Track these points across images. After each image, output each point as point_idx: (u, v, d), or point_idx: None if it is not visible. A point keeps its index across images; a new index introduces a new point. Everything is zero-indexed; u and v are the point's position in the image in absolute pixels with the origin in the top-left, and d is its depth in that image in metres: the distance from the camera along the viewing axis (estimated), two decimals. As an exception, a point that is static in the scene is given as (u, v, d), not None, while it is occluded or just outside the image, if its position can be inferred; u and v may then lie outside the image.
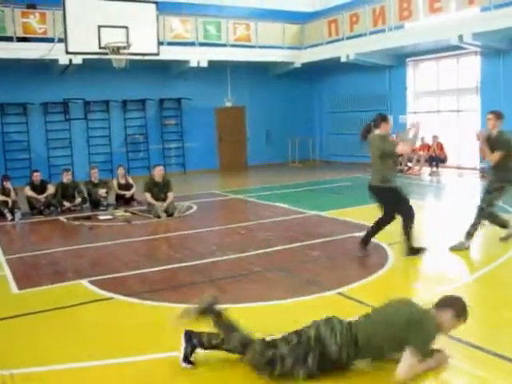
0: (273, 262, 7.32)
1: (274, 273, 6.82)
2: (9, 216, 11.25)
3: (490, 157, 7.66)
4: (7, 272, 7.29)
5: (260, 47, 19.07)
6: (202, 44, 18.11)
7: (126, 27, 12.41)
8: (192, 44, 17.96)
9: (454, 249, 7.62)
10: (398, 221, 7.60)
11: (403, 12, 16.29)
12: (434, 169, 16.73)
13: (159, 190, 11.33)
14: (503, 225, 7.89)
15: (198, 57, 17.85)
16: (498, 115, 7.83)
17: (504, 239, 7.87)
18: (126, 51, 12.49)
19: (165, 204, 11.09)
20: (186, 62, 17.88)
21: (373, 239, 7.74)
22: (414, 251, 7.32)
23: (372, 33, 17.39)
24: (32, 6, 15.86)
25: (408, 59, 18.51)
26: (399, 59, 18.56)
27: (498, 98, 15.47)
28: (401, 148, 7.32)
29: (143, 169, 17.68)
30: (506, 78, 15.36)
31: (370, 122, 7.66)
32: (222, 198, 13.66)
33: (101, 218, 11.26)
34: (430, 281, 6.40)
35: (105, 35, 12.29)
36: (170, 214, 11.03)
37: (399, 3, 16.42)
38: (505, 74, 15.38)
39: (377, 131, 7.51)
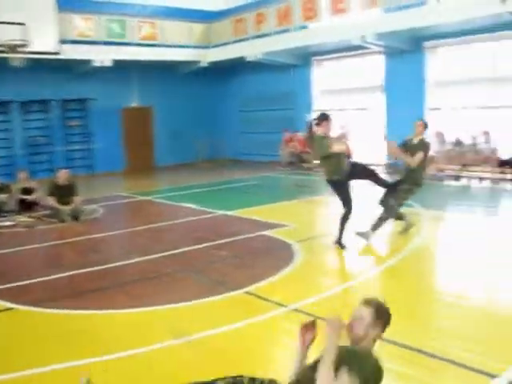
0: (181, 264, 7.26)
1: (182, 274, 6.78)
2: None
3: (411, 160, 7.93)
4: None
5: (166, 46, 18.87)
6: (106, 43, 17.69)
7: (23, 24, 11.90)
8: (96, 43, 17.51)
9: (359, 235, 7.87)
10: (307, 220, 7.75)
11: (307, 12, 16.60)
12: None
13: (64, 193, 10.96)
14: (400, 217, 8.22)
15: (102, 56, 17.42)
16: (426, 125, 8.24)
17: (403, 232, 8.20)
18: (24, 49, 11.98)
19: (69, 208, 10.75)
20: (90, 61, 17.40)
21: (280, 237, 7.85)
22: (339, 244, 7.63)
23: (277, 32, 17.60)
24: None
25: (313, 58, 18.86)
26: (304, 58, 18.88)
27: (401, 96, 16.07)
28: (336, 148, 7.53)
29: (47, 172, 17.05)
30: (408, 77, 15.95)
31: (311, 121, 7.92)
32: (130, 199, 13.42)
33: (2, 224, 10.77)
34: (336, 276, 6.54)
35: (1, 32, 11.75)
36: (75, 218, 10.71)
37: (303, 4, 16.72)
38: (407, 73, 15.96)
39: (318, 131, 7.62)
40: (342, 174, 7.71)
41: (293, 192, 13.51)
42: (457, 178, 13.46)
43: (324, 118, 7.79)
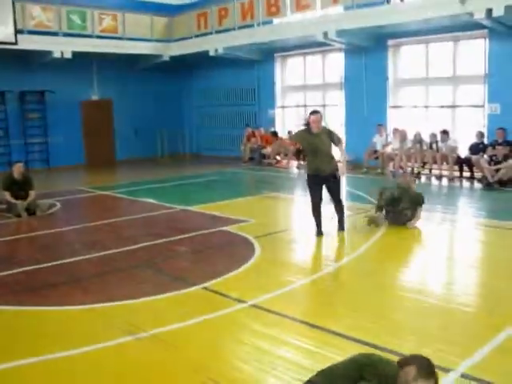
0: (139, 259, 7.16)
1: (139, 270, 6.68)
2: None
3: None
4: None
5: (127, 39, 18.61)
6: (65, 34, 17.35)
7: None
8: (55, 34, 17.16)
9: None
10: (267, 215, 7.72)
11: (271, 8, 16.58)
12: (302, 162, 17.17)
13: (19, 187, 10.70)
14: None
15: (62, 47, 17.06)
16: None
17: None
18: (-22, 39, 11.66)
19: (25, 202, 10.51)
20: (49, 52, 17.03)
21: (240, 232, 7.85)
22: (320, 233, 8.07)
23: (241, 27, 17.54)
24: None
25: (276, 54, 18.86)
26: (267, 54, 18.87)
27: (360, 94, 16.22)
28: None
29: (3, 165, 16.65)
30: (367, 74, 16.09)
31: (307, 116, 8.10)
32: (88, 194, 13.19)
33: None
34: (296, 271, 6.52)
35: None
36: (31, 213, 10.48)
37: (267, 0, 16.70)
38: (366, 71, 16.10)
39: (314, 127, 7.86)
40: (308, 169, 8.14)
41: (254, 188, 13.49)
42: (417, 175, 13.62)
43: (310, 113, 7.96)
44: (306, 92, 18.76)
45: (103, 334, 4.77)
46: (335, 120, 17.38)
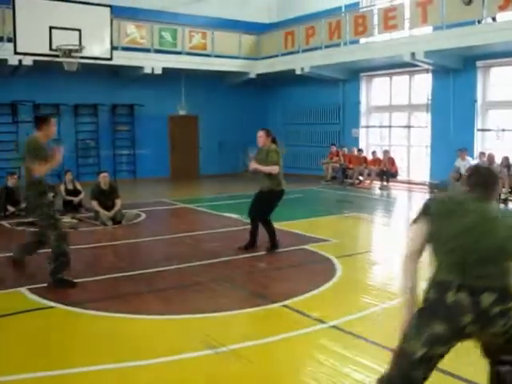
0: (219, 273, 7.22)
1: (219, 284, 6.73)
2: (-52, 219, 10.86)
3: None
4: None
5: (216, 56, 19.00)
6: (157, 51, 17.92)
7: (79, 30, 12.15)
8: (147, 50, 17.76)
9: None
10: (349, 236, 7.64)
11: (358, 27, 16.50)
12: (385, 183, 16.93)
13: (106, 197, 11.09)
14: None
15: (153, 63, 17.65)
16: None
17: None
18: (78, 54, 12.21)
19: (112, 211, 10.88)
20: (140, 68, 17.65)
21: (321, 251, 7.78)
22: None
23: (327, 46, 17.55)
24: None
25: (362, 74, 18.73)
26: (353, 73, 18.77)
27: (447, 116, 15.83)
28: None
29: (93, 175, 17.23)
30: (455, 96, 15.70)
31: None
32: (172, 206, 13.49)
33: (46, 223, 10.93)
34: (377, 294, 6.39)
35: (56, 37, 11.99)
36: (117, 222, 10.82)
37: (355, 19, 16.64)
38: (454, 93, 15.72)
39: None
40: None
41: (335, 207, 13.37)
42: (504, 201, 13.11)
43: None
44: (391, 112, 18.51)
45: (183, 345, 4.83)
46: (420, 142, 17.06)
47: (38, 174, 6.71)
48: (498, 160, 14.14)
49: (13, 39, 11.61)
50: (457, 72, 15.63)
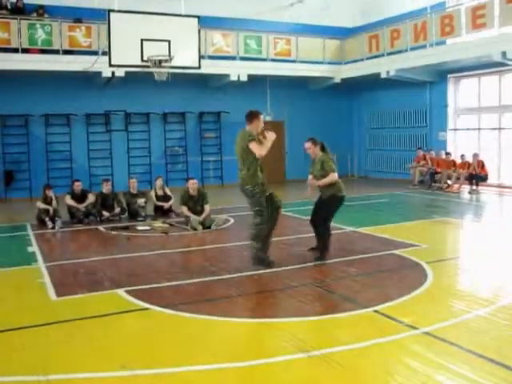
0: (309, 278, 7.27)
1: (310, 288, 6.78)
2: (49, 224, 11.46)
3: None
4: (47, 279, 7.42)
5: (300, 62, 19.10)
6: (242, 58, 18.24)
7: (169, 41, 12.54)
8: (233, 58, 18.10)
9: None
10: (439, 241, 7.51)
11: (445, 28, 16.15)
12: (474, 187, 16.45)
13: (195, 202, 11.42)
14: None
15: (239, 71, 17.98)
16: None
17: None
18: (167, 64, 12.61)
19: (201, 217, 11.16)
20: (226, 75, 18.03)
21: (411, 257, 7.70)
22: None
23: (413, 48, 17.28)
24: (78, 21, 16.29)
25: (449, 75, 18.31)
26: (440, 75, 18.38)
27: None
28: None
29: (181, 180, 17.71)
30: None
31: None
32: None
33: (139, 228, 11.37)
34: (469, 301, 6.25)
35: (147, 48, 12.43)
36: (206, 227, 11.08)
37: (441, 19, 16.31)
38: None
39: None
40: None
41: (424, 211, 13.11)
42: None
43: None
44: (480, 114, 17.98)
45: (276, 348, 4.90)
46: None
47: (259, 155, 8.01)
48: None
49: (107, 53, 12.13)
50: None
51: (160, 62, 12.43)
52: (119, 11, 12.25)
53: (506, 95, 16.89)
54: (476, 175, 16.48)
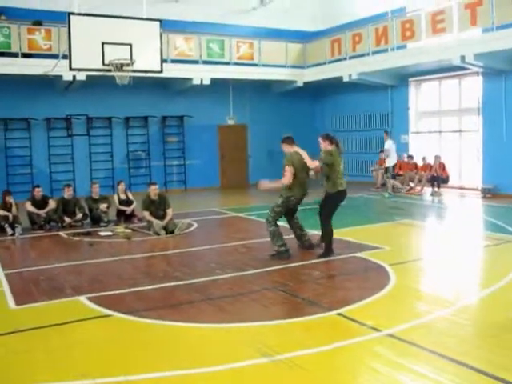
0: (273, 282, 7.27)
1: (273, 292, 6.77)
2: (9, 231, 11.23)
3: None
4: (5, 287, 7.25)
5: (263, 66, 19.14)
6: (205, 62, 18.18)
7: (130, 44, 12.42)
8: (195, 62, 18.03)
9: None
10: (401, 243, 7.59)
11: (405, 32, 16.37)
12: (436, 189, 16.69)
13: (157, 207, 11.35)
14: None
15: (201, 74, 17.93)
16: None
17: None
18: (129, 68, 12.49)
19: (164, 221, 11.08)
20: (189, 79, 17.95)
21: (374, 259, 7.76)
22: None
23: (375, 52, 17.47)
24: (38, 23, 16.00)
25: (410, 79, 18.56)
26: (401, 79, 18.61)
27: (500, 119, 15.52)
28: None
29: (144, 185, 17.54)
30: (507, 99, 15.39)
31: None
32: (223, 215, 13.63)
33: (101, 234, 11.23)
34: (432, 302, 6.32)
35: (108, 52, 12.29)
36: (170, 232, 11.00)
37: (402, 24, 16.52)
38: (506, 95, 15.40)
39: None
40: None
41: (387, 214, 13.25)
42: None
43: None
44: (441, 117, 18.26)
45: (239, 353, 4.87)
46: (472, 146, 16.78)
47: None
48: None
49: (68, 56, 11.94)
50: (509, 74, 15.32)
51: (122, 65, 12.31)
52: (79, 14, 12.10)
53: (466, 98, 17.19)
54: (437, 177, 16.73)
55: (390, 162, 16.55)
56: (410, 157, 18.05)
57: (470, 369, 4.45)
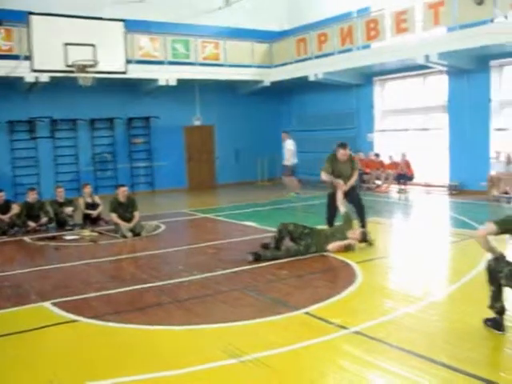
0: (241, 282, 7.24)
1: (241, 292, 6.75)
2: (-29, 237, 11.01)
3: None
4: (-33, 295, 7.10)
5: (229, 66, 19.10)
6: (170, 63, 18.06)
7: (93, 45, 12.30)
8: (161, 63, 17.90)
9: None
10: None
11: (370, 31, 16.50)
12: (402, 186, 16.87)
13: (124, 209, 11.24)
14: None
15: (167, 75, 17.81)
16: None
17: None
18: (92, 69, 12.36)
19: (131, 224, 10.97)
20: (155, 80, 17.81)
21: (341, 257, 7.81)
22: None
23: (340, 52, 17.57)
24: (-2, 23, 15.70)
25: (375, 78, 18.72)
26: (366, 78, 18.77)
27: (463, 116, 15.76)
28: None
29: (111, 188, 17.40)
30: (471, 97, 15.63)
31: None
32: (191, 217, 13.56)
33: (67, 238, 11.08)
34: (398, 299, 6.37)
35: (71, 53, 12.18)
36: (137, 234, 10.90)
37: (366, 23, 16.66)
38: (470, 93, 15.65)
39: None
40: None
41: (352, 213, 13.31)
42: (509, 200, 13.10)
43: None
44: (406, 116, 18.46)
45: (207, 355, 4.84)
46: (438, 144, 16.99)
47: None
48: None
49: (30, 57, 11.75)
50: (471, 72, 15.57)
51: (85, 66, 12.17)
52: (40, 14, 11.92)
53: (431, 97, 17.40)
54: (403, 175, 16.92)
55: (291, 161, 16.66)
56: (376, 155, 18.21)
57: (437, 364, 4.49)
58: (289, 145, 16.71)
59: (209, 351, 4.95)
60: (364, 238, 8.94)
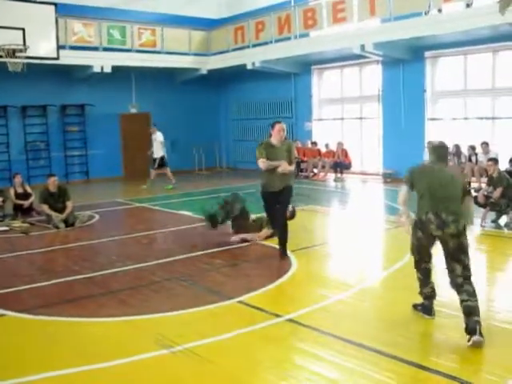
0: (174, 272, 7.18)
1: (175, 282, 6.69)
2: None
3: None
4: None
5: (166, 53, 18.84)
6: (105, 49, 17.66)
7: (23, 29, 11.86)
8: (95, 49, 17.48)
9: None
10: (304, 229, 7.68)
11: (308, 21, 16.58)
12: (339, 175, 17.09)
13: (56, 200, 10.91)
14: None
15: (102, 62, 17.39)
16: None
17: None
18: (22, 54, 11.92)
19: (63, 214, 10.69)
20: (90, 67, 17.36)
21: (276, 246, 7.84)
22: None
23: (278, 40, 17.59)
24: None
25: (313, 67, 18.84)
26: (304, 67, 18.86)
27: (398, 106, 16.07)
28: None
29: (44, 177, 16.86)
30: (405, 87, 15.94)
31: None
32: (126, 206, 13.34)
33: (-4, 229, 10.70)
34: (332, 286, 6.45)
35: (-1, 37, 11.71)
36: (70, 224, 10.63)
37: (304, 12, 16.71)
38: (404, 83, 15.96)
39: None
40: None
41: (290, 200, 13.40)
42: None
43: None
44: (343, 105, 18.67)
45: (139, 346, 4.78)
46: (372, 133, 17.27)
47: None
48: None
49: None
50: (406, 63, 15.87)
51: (14, 51, 11.73)
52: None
53: (366, 86, 17.65)
54: (340, 163, 17.13)
55: (159, 153, 16.82)
56: (314, 143, 18.36)
57: (368, 350, 4.57)
58: (159, 137, 16.72)
59: (140, 342, 4.89)
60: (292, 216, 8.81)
